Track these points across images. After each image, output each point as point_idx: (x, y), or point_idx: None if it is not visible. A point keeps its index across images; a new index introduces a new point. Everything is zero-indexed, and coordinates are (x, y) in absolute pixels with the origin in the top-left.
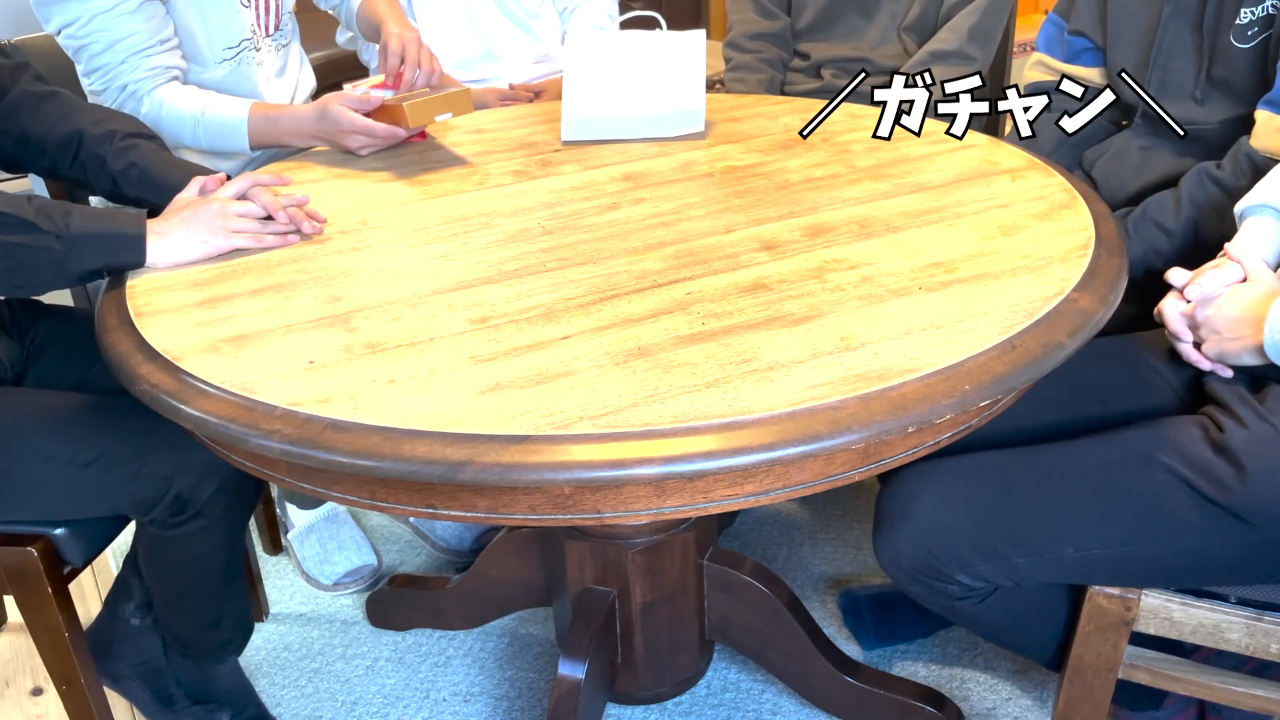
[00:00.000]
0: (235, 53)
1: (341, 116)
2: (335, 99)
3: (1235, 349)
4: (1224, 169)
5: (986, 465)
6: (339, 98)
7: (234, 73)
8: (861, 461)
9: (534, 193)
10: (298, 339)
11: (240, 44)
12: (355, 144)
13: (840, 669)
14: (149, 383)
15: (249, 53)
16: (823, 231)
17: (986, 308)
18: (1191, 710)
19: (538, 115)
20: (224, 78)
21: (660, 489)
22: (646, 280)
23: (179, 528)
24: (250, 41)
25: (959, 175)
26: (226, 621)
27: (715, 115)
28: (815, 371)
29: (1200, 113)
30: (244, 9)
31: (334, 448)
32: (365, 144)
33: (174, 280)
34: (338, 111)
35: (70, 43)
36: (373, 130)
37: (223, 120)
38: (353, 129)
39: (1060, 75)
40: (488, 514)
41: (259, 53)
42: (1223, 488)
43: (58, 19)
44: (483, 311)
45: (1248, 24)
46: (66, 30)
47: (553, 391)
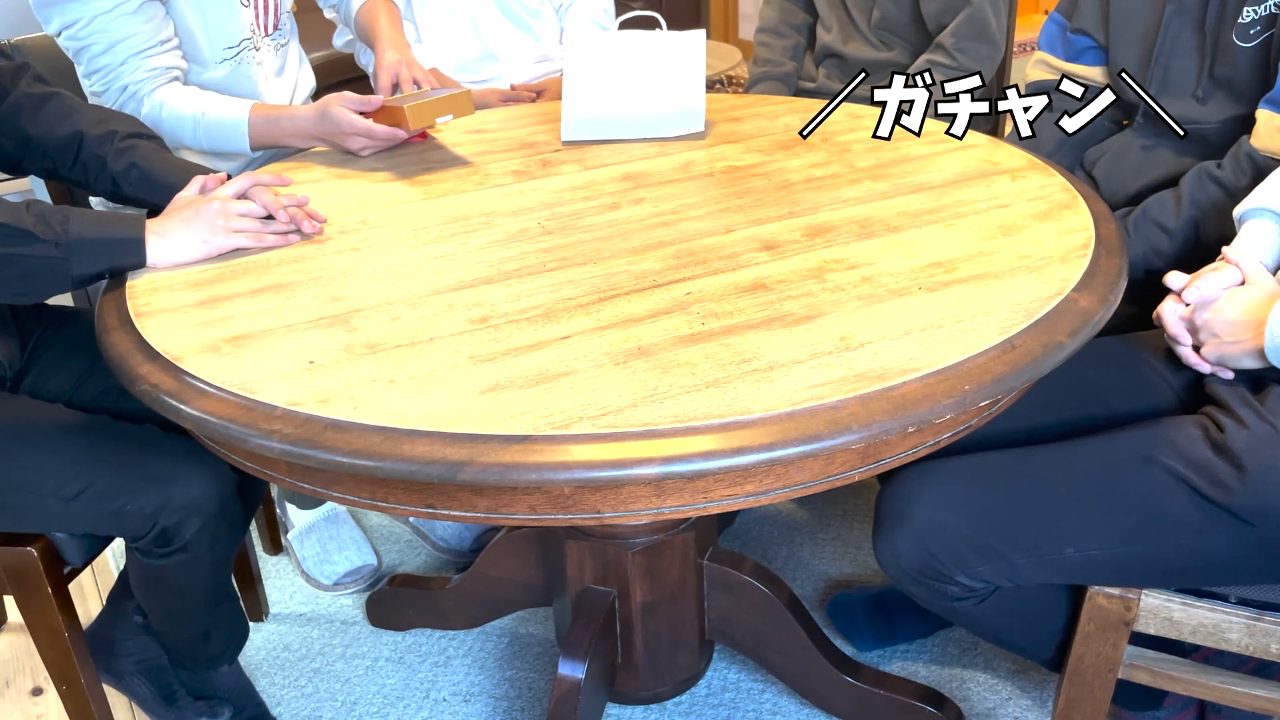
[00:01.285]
0: (235, 52)
1: (342, 118)
2: (336, 100)
3: (1235, 352)
4: (1225, 169)
5: (986, 465)
6: (339, 99)
7: (234, 72)
8: (861, 461)
9: (534, 193)
10: (298, 339)
11: (240, 44)
12: (356, 145)
13: (840, 669)
14: (149, 383)
15: (249, 52)
16: (823, 231)
17: (986, 308)
18: (1191, 710)
19: (538, 115)
20: (224, 78)
21: (660, 489)
22: (646, 280)
23: (164, 559)
24: (250, 41)
25: (959, 175)
26: (216, 637)
27: (715, 115)
28: (815, 371)
29: (1201, 112)
30: (244, 8)
31: (334, 448)
32: (366, 145)
33: (174, 280)
34: (338, 113)
35: (71, 44)
36: (373, 132)
37: (223, 121)
38: (353, 131)
39: (1062, 74)
40: (488, 514)
41: (258, 52)
42: (1223, 488)
43: (58, 20)
44: (483, 311)
45: (1250, 23)
46: (67, 31)
47: (553, 391)
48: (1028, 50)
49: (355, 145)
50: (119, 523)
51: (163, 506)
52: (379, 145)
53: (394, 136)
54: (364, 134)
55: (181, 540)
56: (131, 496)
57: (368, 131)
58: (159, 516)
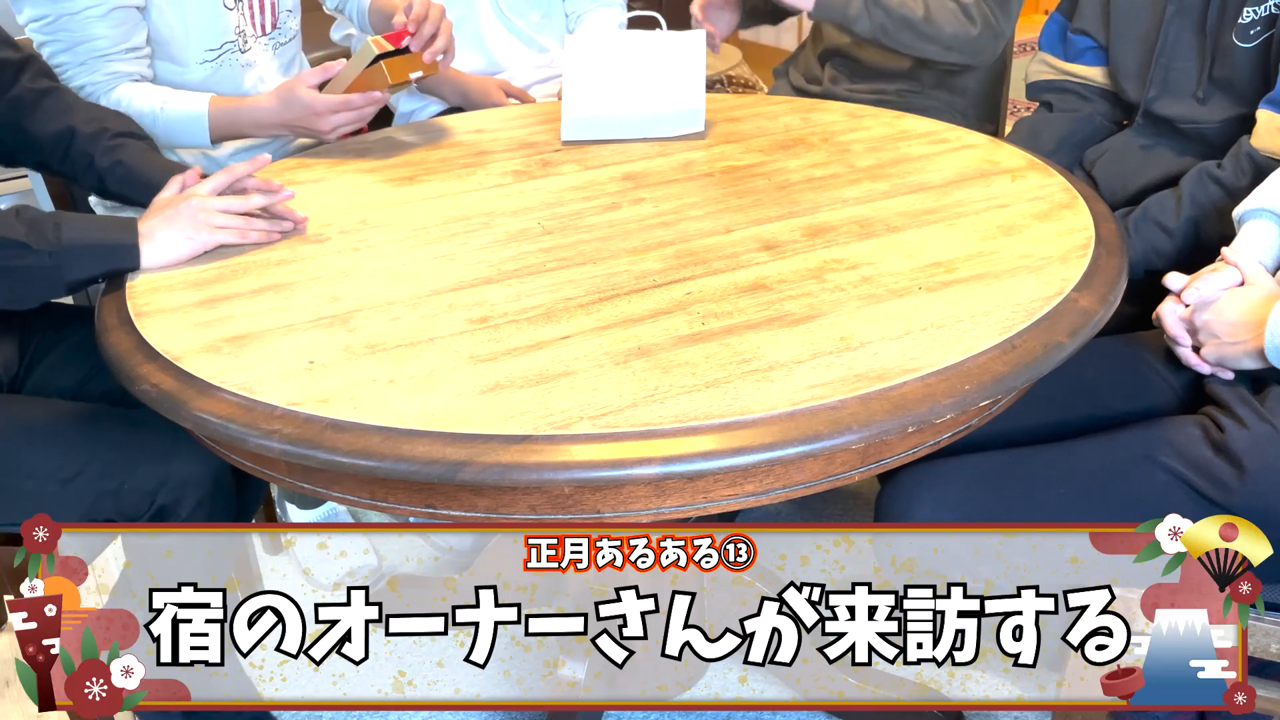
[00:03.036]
0: (217, 55)
1: (312, 99)
2: (297, 82)
3: (1235, 353)
4: (1225, 169)
5: (986, 466)
6: (300, 80)
7: (215, 74)
8: (861, 461)
9: (534, 193)
10: (298, 339)
11: (222, 46)
12: (329, 125)
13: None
14: (149, 383)
15: (232, 54)
16: (823, 231)
17: (986, 308)
18: (1191, 710)
19: (538, 115)
20: (204, 80)
21: (660, 489)
22: (646, 280)
23: None
24: (234, 44)
25: (959, 175)
26: None
27: (715, 115)
28: (815, 371)
29: (1202, 112)
30: (228, 10)
31: (334, 448)
32: (341, 122)
33: (174, 280)
34: (307, 94)
35: (36, 35)
36: (350, 102)
37: (182, 114)
38: (328, 108)
39: (1063, 74)
40: (488, 514)
41: (246, 54)
42: (1223, 488)
43: (29, 11)
44: (483, 311)
45: (1250, 23)
46: (35, 24)
47: (553, 391)
48: (1028, 50)
49: (328, 125)
50: (117, 503)
51: (162, 484)
52: (355, 120)
53: (373, 101)
54: (341, 107)
55: (179, 517)
56: (130, 474)
57: (345, 104)
58: (158, 494)
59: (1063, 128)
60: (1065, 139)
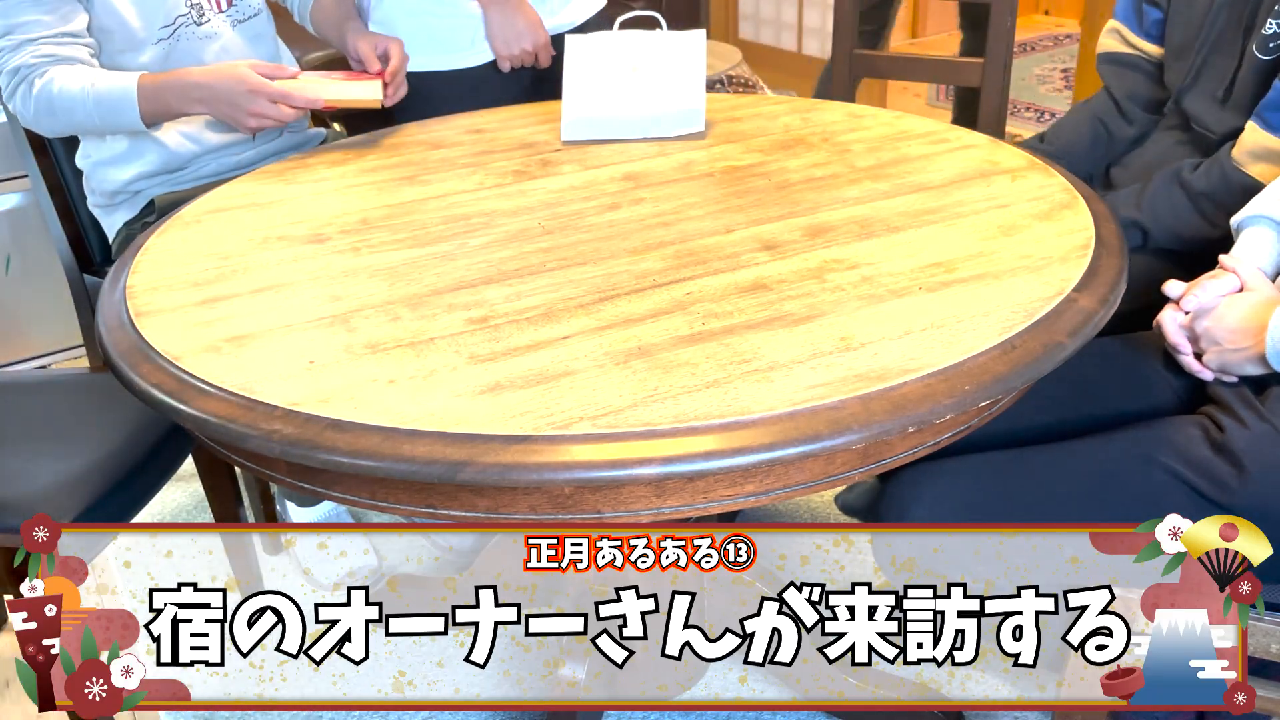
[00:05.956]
0: (171, 30)
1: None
2: (245, 62)
3: (1237, 359)
4: (1196, 173)
5: (986, 466)
6: (250, 63)
7: (173, 51)
8: (861, 461)
9: (534, 193)
10: (298, 339)
11: (175, 20)
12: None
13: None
14: (149, 383)
15: (188, 28)
16: (823, 231)
17: (986, 308)
18: (1191, 710)
19: (538, 115)
20: (162, 60)
21: (660, 489)
22: (646, 280)
23: None
24: (187, 16)
25: (959, 175)
26: None
27: (715, 115)
28: (815, 371)
29: (1214, 119)
30: None
31: (334, 448)
32: (268, 118)
33: (174, 280)
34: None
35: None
36: (290, 97)
37: (111, 90)
38: (266, 94)
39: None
40: (488, 514)
41: (203, 26)
42: (1223, 488)
43: None
44: (483, 311)
45: (1271, 35)
46: None
47: (553, 391)
48: (1028, 50)
49: (255, 108)
50: None
51: None
52: (279, 121)
53: (311, 104)
54: (281, 99)
55: None
56: None
57: (284, 96)
58: None
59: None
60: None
